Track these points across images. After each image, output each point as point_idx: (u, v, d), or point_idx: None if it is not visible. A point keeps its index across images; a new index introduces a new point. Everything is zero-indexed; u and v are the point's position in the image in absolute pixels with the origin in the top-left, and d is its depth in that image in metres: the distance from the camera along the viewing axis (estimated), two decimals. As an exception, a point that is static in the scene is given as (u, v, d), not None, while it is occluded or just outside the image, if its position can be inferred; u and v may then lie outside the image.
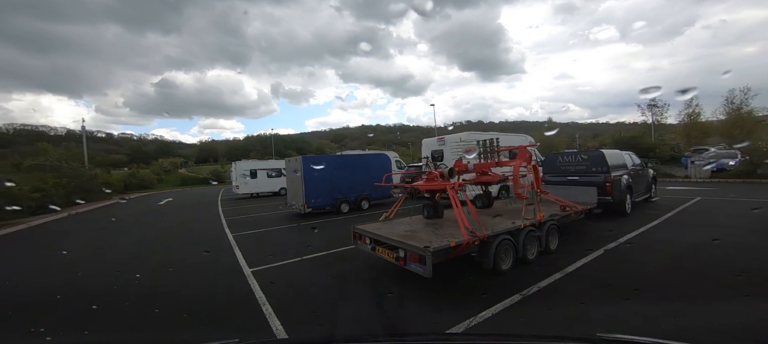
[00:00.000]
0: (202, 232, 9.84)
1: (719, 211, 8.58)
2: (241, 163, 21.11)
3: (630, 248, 5.71)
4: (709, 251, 5.44)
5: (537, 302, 3.80)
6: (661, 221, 7.56)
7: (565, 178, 8.51)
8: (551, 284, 4.26)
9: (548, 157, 9.25)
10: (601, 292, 4.07)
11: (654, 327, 3.14)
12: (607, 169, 7.77)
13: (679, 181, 16.08)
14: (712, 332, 3.02)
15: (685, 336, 3.01)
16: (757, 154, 15.36)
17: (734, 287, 4.06)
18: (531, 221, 5.11)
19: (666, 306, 3.67)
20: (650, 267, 4.91)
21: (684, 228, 6.95)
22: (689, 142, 31.78)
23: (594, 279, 4.44)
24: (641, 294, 3.96)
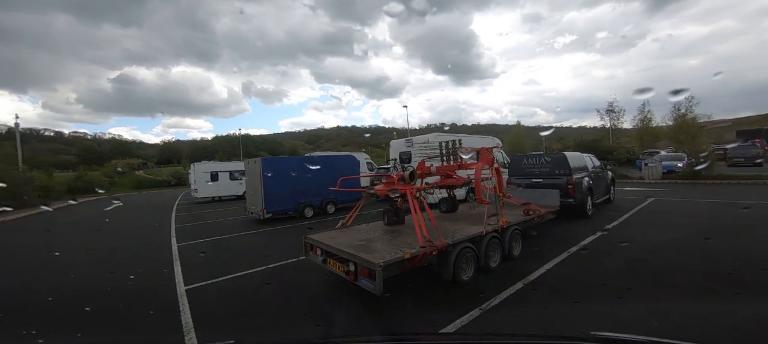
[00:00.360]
0: (142, 243, 8.83)
1: (672, 211, 8.93)
2: (200, 164, 19.69)
3: (592, 251, 5.64)
4: (667, 251, 5.48)
5: (497, 316, 3.51)
6: (620, 222, 7.70)
7: (530, 180, 8.48)
8: (513, 294, 4.01)
9: (514, 159, 9.22)
10: (563, 301, 3.87)
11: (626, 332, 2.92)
12: (569, 172, 7.81)
13: (635, 182, 16.96)
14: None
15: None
16: (700, 156, 16.54)
17: (699, 286, 4.02)
18: (493, 227, 4.86)
19: (632, 307, 3.60)
20: (612, 270, 4.84)
21: (642, 228, 7.09)
22: (642, 146, 34.16)
23: (557, 286, 4.26)
24: (606, 299, 3.83)
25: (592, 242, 6.15)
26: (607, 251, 5.70)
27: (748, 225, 7.02)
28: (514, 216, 5.76)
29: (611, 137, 39.69)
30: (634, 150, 32.16)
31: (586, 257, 5.38)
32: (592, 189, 8.53)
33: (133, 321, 3.92)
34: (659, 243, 6.01)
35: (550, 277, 4.55)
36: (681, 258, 5.16)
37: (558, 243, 5.97)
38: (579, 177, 8.08)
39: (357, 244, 4.29)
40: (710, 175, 15.35)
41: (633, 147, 34.30)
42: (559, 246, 5.81)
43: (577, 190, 7.79)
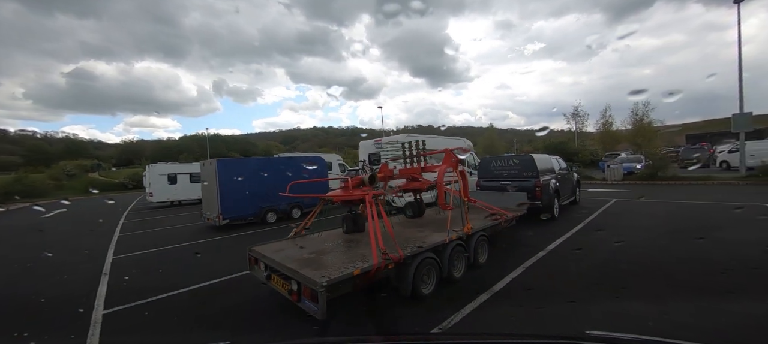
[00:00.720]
0: (72, 256, 7.77)
1: (633, 212, 9.13)
2: (156, 165, 18.18)
3: (559, 256, 5.48)
4: (633, 252, 5.42)
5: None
6: (585, 224, 7.71)
7: (498, 183, 8.34)
8: (477, 308, 3.68)
9: (483, 161, 9.07)
10: (528, 314, 3.59)
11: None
12: (537, 174, 7.72)
13: (598, 183, 17.60)
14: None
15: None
16: (657, 159, 17.47)
17: (669, 287, 3.89)
18: (458, 234, 4.53)
19: (605, 309, 3.46)
20: (580, 275, 4.68)
21: (607, 230, 7.10)
22: (604, 148, 36.03)
23: (523, 296, 3.99)
24: (576, 309, 3.60)
25: (559, 246, 6.02)
26: (575, 255, 5.56)
27: (708, 227, 7.23)
28: (480, 222, 5.50)
29: (577, 140, 41.55)
30: (597, 152, 33.76)
31: (553, 262, 5.20)
32: (559, 191, 8.52)
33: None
34: (625, 245, 5.99)
35: (516, 286, 4.28)
36: (649, 260, 5.11)
37: (525, 248, 5.77)
38: (546, 179, 8.03)
39: (305, 258, 3.80)
40: (666, 176, 16.19)
41: (596, 149, 36.02)
42: (526, 250, 5.61)
43: (544, 192, 7.72)
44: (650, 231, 6.87)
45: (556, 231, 6.91)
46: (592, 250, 5.77)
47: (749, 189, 12.79)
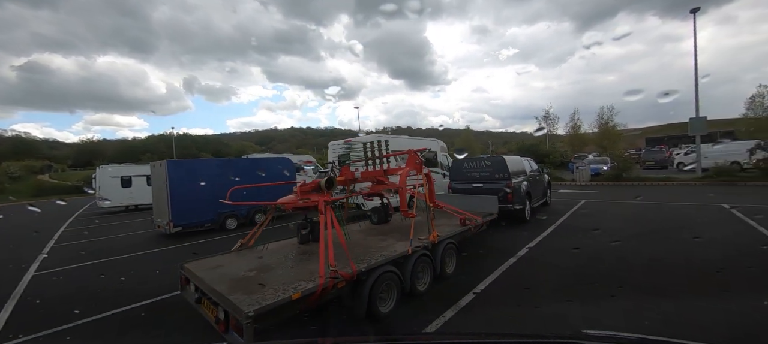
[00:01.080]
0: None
1: (602, 213, 9.20)
2: (107, 167, 16.66)
3: (530, 263, 5.23)
4: (604, 257, 5.26)
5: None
6: (557, 226, 7.60)
7: (470, 185, 8.09)
8: (442, 326, 3.29)
9: (455, 163, 8.80)
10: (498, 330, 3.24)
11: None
12: (508, 176, 7.54)
13: (568, 184, 18.02)
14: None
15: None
16: (621, 160, 18.15)
17: (643, 290, 3.70)
18: (422, 244, 4.14)
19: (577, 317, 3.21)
20: (551, 282, 4.43)
21: (577, 232, 7.00)
22: (573, 150, 37.49)
23: (491, 312, 3.65)
24: (548, 323, 3.30)
25: (531, 250, 5.80)
26: (546, 260, 5.33)
27: (661, 229, 7.30)
28: (449, 228, 5.15)
29: (548, 142, 42.99)
30: (567, 154, 35.01)
31: (524, 269, 4.93)
32: (531, 193, 8.41)
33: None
34: (596, 247, 5.87)
35: (485, 299, 3.94)
36: (623, 263, 4.96)
37: (495, 254, 5.49)
38: (518, 182, 7.87)
39: (242, 277, 3.25)
40: (630, 177, 16.81)
41: (566, 151, 37.42)
42: (496, 257, 5.32)
43: (515, 195, 7.54)
44: (622, 232, 6.84)
45: (528, 235, 6.72)
46: (562, 255, 5.59)
47: (706, 188, 13.43)
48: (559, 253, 5.68)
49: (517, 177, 7.93)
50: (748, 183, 13.61)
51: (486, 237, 6.33)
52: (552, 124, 45.43)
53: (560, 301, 3.88)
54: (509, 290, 4.25)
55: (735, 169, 14.98)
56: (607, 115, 37.46)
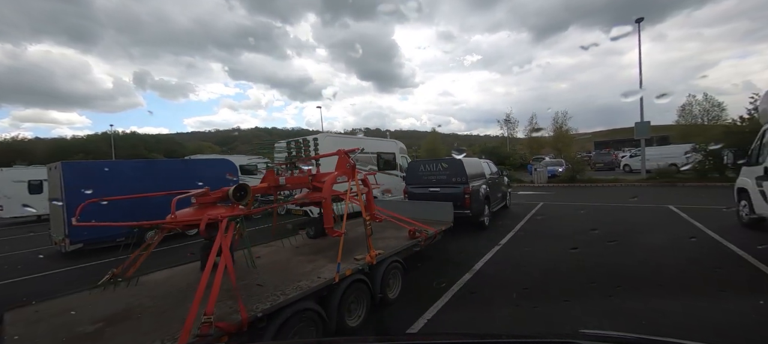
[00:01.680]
0: None
1: (559, 218, 9.05)
2: (9, 170, 14.01)
3: (487, 279, 4.63)
4: (563, 267, 4.81)
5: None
6: (516, 231, 7.21)
7: (427, 190, 7.47)
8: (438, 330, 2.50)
9: (411, 165, 8.15)
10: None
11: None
12: (466, 179, 7.00)
13: (526, 186, 18.31)
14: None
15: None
16: (575, 162, 18.83)
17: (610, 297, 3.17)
18: (355, 268, 3.34)
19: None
20: (508, 305, 3.83)
21: (536, 238, 6.62)
22: (532, 152, 39.22)
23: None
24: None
25: (488, 263, 5.23)
26: (505, 276, 4.76)
27: (616, 233, 7.18)
28: (396, 241, 4.42)
29: (508, 144, 44.64)
30: (526, 156, 36.44)
31: (480, 287, 4.31)
32: (490, 198, 7.98)
33: None
34: (555, 256, 5.45)
35: (436, 330, 3.23)
36: (583, 274, 4.51)
37: (449, 270, 4.84)
38: (476, 185, 7.38)
39: (84, 334, 2.24)
40: (583, 179, 17.41)
41: (525, 153, 39.05)
42: (450, 273, 4.66)
43: (473, 200, 7.03)
44: (580, 238, 6.54)
45: (486, 244, 6.19)
46: (523, 268, 5.08)
47: (651, 189, 14.12)
48: (517, 267, 5.16)
49: (475, 181, 7.44)
50: (686, 184, 14.54)
51: (440, 248, 5.69)
52: (512, 128, 47.49)
53: (519, 327, 3.28)
54: (464, 314, 3.58)
55: (673, 170, 16.03)
56: (561, 120, 40.25)
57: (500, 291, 4.25)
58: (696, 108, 43.03)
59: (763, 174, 5.71)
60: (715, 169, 14.19)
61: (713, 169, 14.23)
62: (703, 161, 14.53)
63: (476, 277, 4.63)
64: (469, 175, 7.08)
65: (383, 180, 9.88)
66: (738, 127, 13.49)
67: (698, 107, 43.13)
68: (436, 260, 5.39)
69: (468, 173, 7.10)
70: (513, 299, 3.96)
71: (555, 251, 5.78)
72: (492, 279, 4.60)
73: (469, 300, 3.93)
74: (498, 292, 4.24)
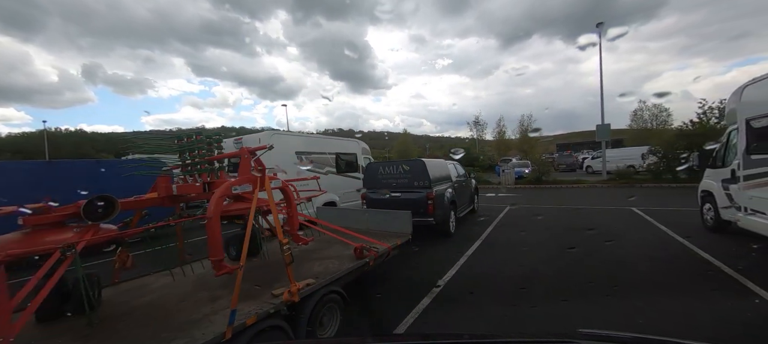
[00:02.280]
0: None
1: (528, 222, 8.64)
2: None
3: (450, 304, 3.89)
4: (535, 285, 4.19)
5: None
6: (484, 239, 6.60)
7: (387, 195, 6.68)
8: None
9: (369, 168, 7.31)
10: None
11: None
12: (429, 183, 6.28)
13: (494, 188, 18.19)
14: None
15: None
16: (541, 164, 19.05)
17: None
18: (268, 310, 2.43)
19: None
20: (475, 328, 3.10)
21: (505, 250, 6.03)
22: (499, 154, 40.17)
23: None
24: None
25: (452, 280, 4.51)
26: (469, 301, 4.05)
27: (587, 239, 6.82)
28: (337, 263, 3.55)
29: (477, 146, 45.52)
30: (494, 157, 37.18)
31: (441, 315, 3.56)
32: (456, 202, 7.34)
33: None
34: (525, 269, 4.84)
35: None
36: (556, 292, 3.90)
37: (404, 294, 4.05)
38: (441, 189, 6.69)
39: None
40: (548, 180, 17.57)
41: (493, 155, 39.94)
42: (404, 299, 3.87)
43: (438, 206, 6.33)
44: (549, 245, 6.04)
45: (450, 256, 5.48)
46: (491, 286, 4.42)
47: (613, 190, 14.37)
48: (485, 285, 4.49)
49: (440, 185, 6.76)
50: (643, 185, 15.00)
51: (396, 263, 4.90)
52: (481, 129, 48.67)
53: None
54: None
55: (631, 171, 16.58)
56: (527, 123, 41.98)
57: (466, 316, 3.52)
58: (646, 113, 46.44)
59: (730, 177, 5.52)
60: (668, 171, 14.76)
61: (667, 170, 14.79)
62: (658, 163, 15.07)
63: (437, 303, 3.86)
64: (432, 179, 6.37)
65: (342, 185, 8.98)
66: (689, 130, 14.09)
67: (648, 112, 46.54)
68: (390, 281, 4.58)
69: (432, 176, 6.39)
70: (480, 326, 3.24)
71: (524, 263, 5.19)
72: (456, 304, 3.87)
73: (435, 323, 3.15)
74: (463, 317, 3.51)
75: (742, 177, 5.08)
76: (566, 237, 6.68)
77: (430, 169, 6.43)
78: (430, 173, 6.34)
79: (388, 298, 4.02)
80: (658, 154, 15.05)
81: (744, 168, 5.03)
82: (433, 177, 6.43)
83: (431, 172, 6.43)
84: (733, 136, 5.54)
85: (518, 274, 4.70)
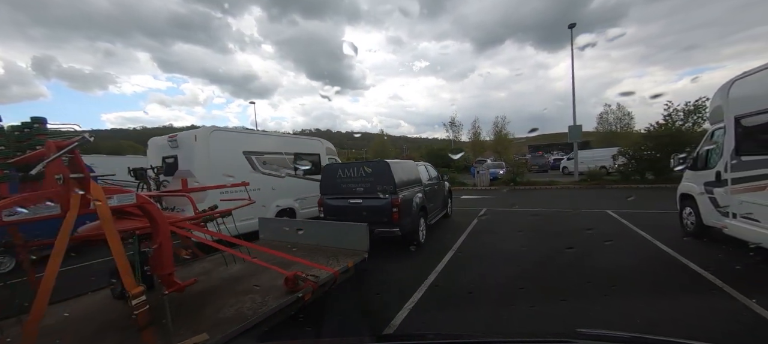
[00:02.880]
0: None
1: (504, 229, 8.06)
2: None
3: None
4: (513, 304, 3.49)
5: None
6: (456, 250, 5.87)
7: (346, 202, 5.78)
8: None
9: (326, 170, 6.38)
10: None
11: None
12: (394, 188, 5.45)
13: (469, 189, 17.79)
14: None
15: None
16: (515, 165, 18.90)
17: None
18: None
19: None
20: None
21: (480, 261, 5.33)
22: (475, 154, 40.45)
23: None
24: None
25: (415, 308, 3.70)
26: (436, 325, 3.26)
27: (567, 253, 6.29)
28: (257, 300, 2.63)
29: (453, 147, 45.67)
30: (469, 158, 37.31)
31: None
32: (427, 208, 6.58)
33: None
34: (500, 286, 4.13)
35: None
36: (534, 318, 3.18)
37: (347, 330, 3.19)
38: (409, 195, 5.90)
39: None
40: (522, 182, 17.40)
41: (469, 156, 40.15)
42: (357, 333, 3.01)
43: (404, 213, 5.52)
44: (527, 258, 5.41)
45: (416, 274, 4.67)
46: (462, 312, 3.65)
47: (585, 192, 14.28)
48: (457, 313, 3.71)
49: (408, 189, 5.96)
50: (613, 186, 15.09)
51: (351, 286, 4.01)
52: (457, 131, 49.05)
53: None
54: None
55: (603, 172, 16.72)
56: (501, 124, 42.78)
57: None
58: (611, 116, 48.68)
59: (715, 180, 5.12)
60: (636, 172, 14.92)
61: (635, 172, 14.96)
62: (627, 164, 15.21)
63: (401, 328, 3.03)
64: (398, 183, 5.55)
65: (304, 189, 7.99)
66: (657, 132, 14.29)
67: (613, 115, 48.84)
68: (338, 314, 3.69)
69: (397, 180, 5.57)
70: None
71: (500, 279, 4.49)
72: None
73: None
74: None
75: (730, 181, 4.67)
76: (544, 246, 6.10)
77: (396, 172, 5.61)
78: (395, 176, 5.52)
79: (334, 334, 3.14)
80: (626, 155, 15.19)
81: (732, 170, 4.61)
82: (399, 181, 5.61)
83: (397, 174, 5.61)
84: (718, 135, 5.16)
85: (494, 295, 3.98)
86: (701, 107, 13.48)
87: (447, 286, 4.30)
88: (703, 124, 13.69)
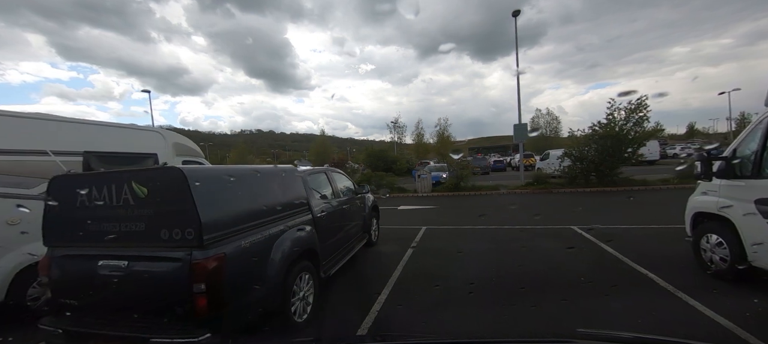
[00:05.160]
0: None
1: (448, 261, 5.44)
2: None
3: None
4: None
5: None
6: (368, 330, 3.00)
7: (90, 261, 2.44)
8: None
9: (55, 186, 2.85)
10: None
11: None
12: (202, 228, 2.28)
13: (410, 197, 15.38)
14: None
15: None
16: (459, 168, 17.08)
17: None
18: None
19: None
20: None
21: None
22: (418, 157, 39.15)
23: None
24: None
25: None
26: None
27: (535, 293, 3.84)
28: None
29: (396, 149, 43.83)
30: (413, 160, 35.75)
31: None
32: (317, 252, 3.59)
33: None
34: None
35: None
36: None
37: None
38: (260, 241, 2.81)
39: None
40: (467, 187, 15.56)
41: (411, 158, 38.70)
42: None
43: (237, 290, 2.42)
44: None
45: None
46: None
47: (532, 197, 12.76)
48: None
49: (263, 226, 2.89)
50: (559, 190, 13.92)
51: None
52: (401, 132, 47.61)
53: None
54: None
55: (547, 176, 15.65)
56: (443, 126, 42.44)
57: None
58: (541, 120, 51.71)
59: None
60: (581, 176, 13.98)
61: (580, 175, 14.00)
62: (572, 167, 14.20)
63: None
64: (229, 216, 2.42)
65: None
66: (604, 131, 13.40)
67: (542, 120, 51.93)
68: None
69: (227, 211, 2.44)
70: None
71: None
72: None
73: None
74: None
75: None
76: (503, 292, 3.53)
77: (215, 193, 2.46)
78: (208, 202, 2.36)
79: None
80: (572, 157, 14.18)
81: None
82: (231, 212, 2.48)
83: (222, 196, 2.47)
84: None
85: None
86: (643, 105, 12.84)
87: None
88: (644, 123, 13.08)
